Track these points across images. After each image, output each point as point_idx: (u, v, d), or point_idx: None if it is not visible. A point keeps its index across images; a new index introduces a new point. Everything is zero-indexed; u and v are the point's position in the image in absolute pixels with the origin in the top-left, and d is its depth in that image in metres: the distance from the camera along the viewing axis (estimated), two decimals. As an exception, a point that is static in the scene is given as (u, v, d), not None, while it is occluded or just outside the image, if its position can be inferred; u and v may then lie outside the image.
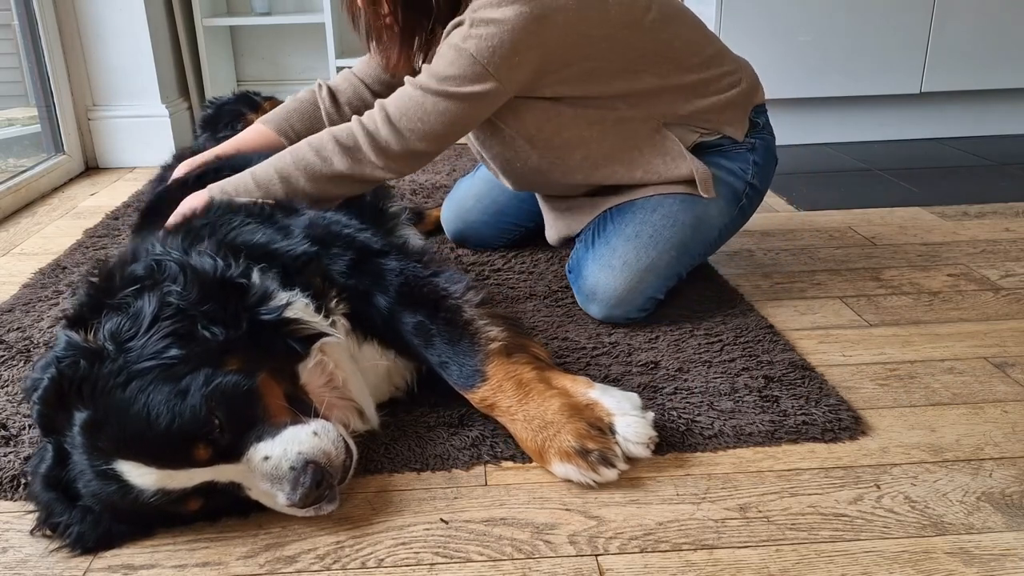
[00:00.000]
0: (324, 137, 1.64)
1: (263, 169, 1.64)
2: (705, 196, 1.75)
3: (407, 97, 1.61)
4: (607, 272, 1.75)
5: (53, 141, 3.37)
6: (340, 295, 1.38)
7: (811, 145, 3.38)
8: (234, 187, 1.64)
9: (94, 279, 1.32)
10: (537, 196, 2.04)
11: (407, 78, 1.65)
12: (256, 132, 1.93)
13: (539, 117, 1.69)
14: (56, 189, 3.19)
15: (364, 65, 1.99)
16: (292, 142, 1.81)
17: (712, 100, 1.76)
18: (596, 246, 1.79)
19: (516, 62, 1.56)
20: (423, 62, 1.69)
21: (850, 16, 3.24)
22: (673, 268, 1.79)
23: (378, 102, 1.65)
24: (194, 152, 2.24)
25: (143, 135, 3.46)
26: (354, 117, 1.66)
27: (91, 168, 3.50)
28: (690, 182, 1.76)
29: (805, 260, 2.17)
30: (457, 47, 1.56)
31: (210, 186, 1.66)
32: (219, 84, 3.82)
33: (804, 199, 2.68)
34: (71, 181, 3.32)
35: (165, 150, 2.86)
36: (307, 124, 1.94)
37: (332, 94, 1.97)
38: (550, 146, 1.73)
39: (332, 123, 1.90)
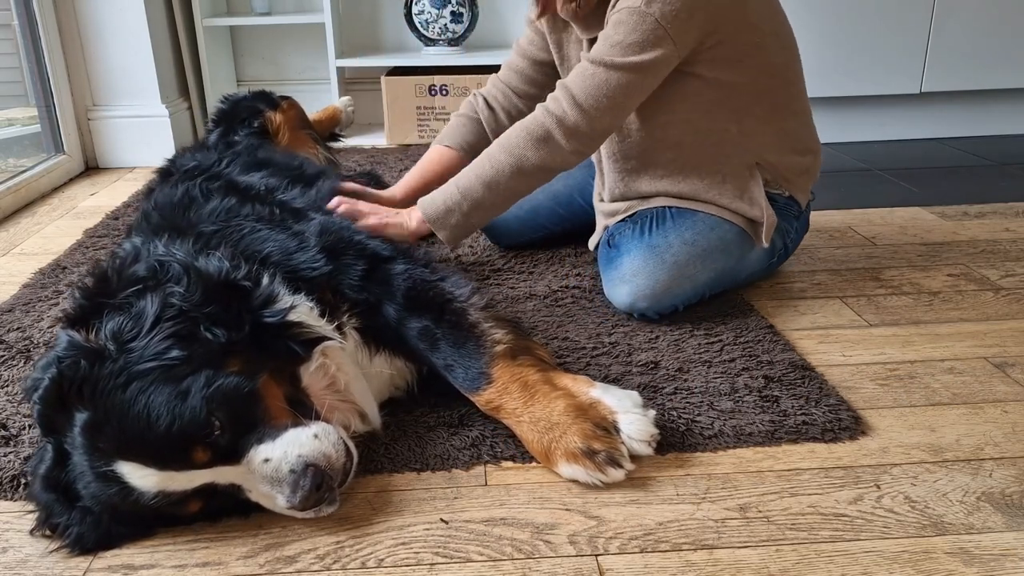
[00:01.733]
0: (514, 135, 1.70)
1: (465, 178, 1.73)
2: (764, 243, 1.80)
3: (590, 76, 1.63)
4: (656, 261, 1.75)
5: (53, 141, 3.36)
6: (352, 309, 1.40)
7: (811, 145, 3.37)
8: (442, 196, 1.74)
9: (89, 280, 1.32)
10: (595, 196, 2.03)
11: (583, 55, 1.68)
12: (435, 152, 2.06)
13: (660, 103, 1.72)
14: (56, 189, 3.19)
15: (507, 70, 2.08)
16: (467, 153, 2.00)
17: (798, 160, 1.85)
18: (652, 235, 1.79)
19: (690, 24, 1.60)
20: (572, 1, 1.72)
21: (850, 16, 3.24)
22: (705, 287, 1.82)
23: (561, 85, 1.68)
24: (195, 150, 2.24)
25: (143, 135, 3.45)
26: (539, 107, 1.70)
27: (91, 168, 3.49)
28: (749, 220, 1.80)
29: (805, 260, 2.17)
30: (640, 12, 1.58)
31: (421, 199, 1.77)
32: (219, 84, 3.81)
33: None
34: (71, 181, 3.31)
35: (165, 150, 2.86)
36: (476, 135, 2.06)
37: (487, 103, 2.07)
38: (652, 135, 1.79)
39: (491, 130, 2.04)
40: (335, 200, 1.79)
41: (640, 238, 1.79)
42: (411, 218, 1.76)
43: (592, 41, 1.81)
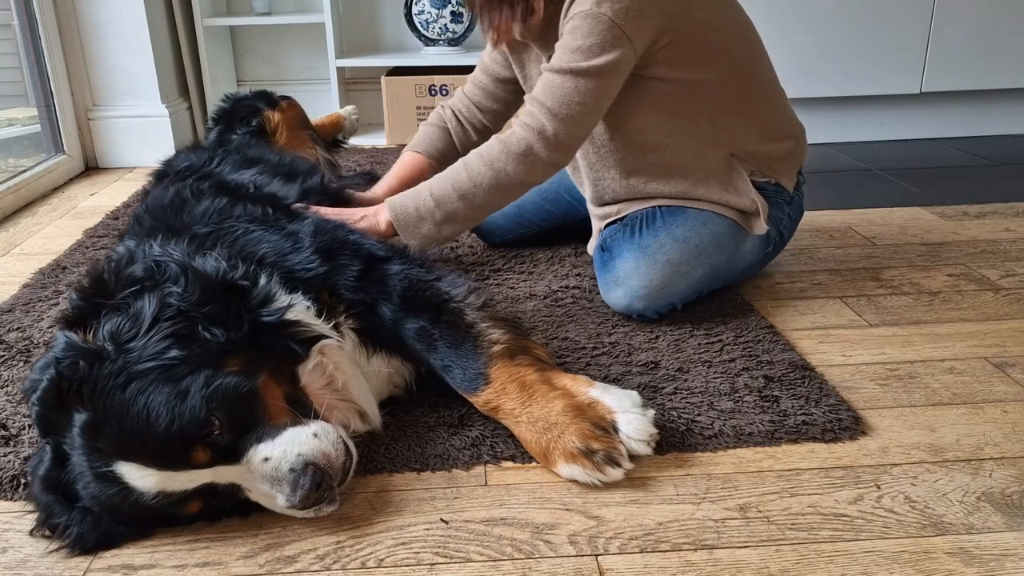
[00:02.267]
0: (494, 150, 1.69)
1: (440, 186, 1.71)
2: (758, 230, 1.81)
3: (558, 86, 1.64)
4: (648, 262, 1.76)
5: (53, 141, 3.37)
6: (348, 310, 1.40)
7: (811, 145, 3.33)
8: (413, 202, 1.72)
9: (86, 281, 1.32)
10: (587, 202, 2.03)
11: (544, 67, 1.68)
12: (408, 158, 2.10)
13: (628, 109, 1.73)
14: (56, 189, 3.19)
15: (472, 86, 2.10)
16: (438, 161, 2.06)
17: (777, 146, 1.85)
18: (642, 235, 1.79)
19: (644, 23, 1.61)
20: (521, 24, 1.73)
21: (850, 16, 3.24)
22: (702, 284, 1.83)
23: (531, 99, 1.69)
24: (192, 150, 2.24)
25: (143, 135, 3.46)
26: (514, 121, 1.71)
27: (91, 168, 3.49)
28: (740, 212, 1.81)
29: (805, 260, 2.17)
30: (593, 14, 1.59)
31: (389, 199, 1.75)
32: (219, 84, 3.81)
33: (804, 199, 2.67)
34: (71, 181, 3.31)
35: (165, 150, 2.86)
36: (446, 144, 2.10)
37: (456, 117, 2.10)
38: (628, 142, 1.79)
39: (460, 143, 2.09)
40: (303, 205, 1.76)
41: (631, 240, 1.80)
42: (380, 221, 1.74)
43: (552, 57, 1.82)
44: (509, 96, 2.08)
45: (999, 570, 1.07)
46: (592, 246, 1.99)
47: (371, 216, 1.75)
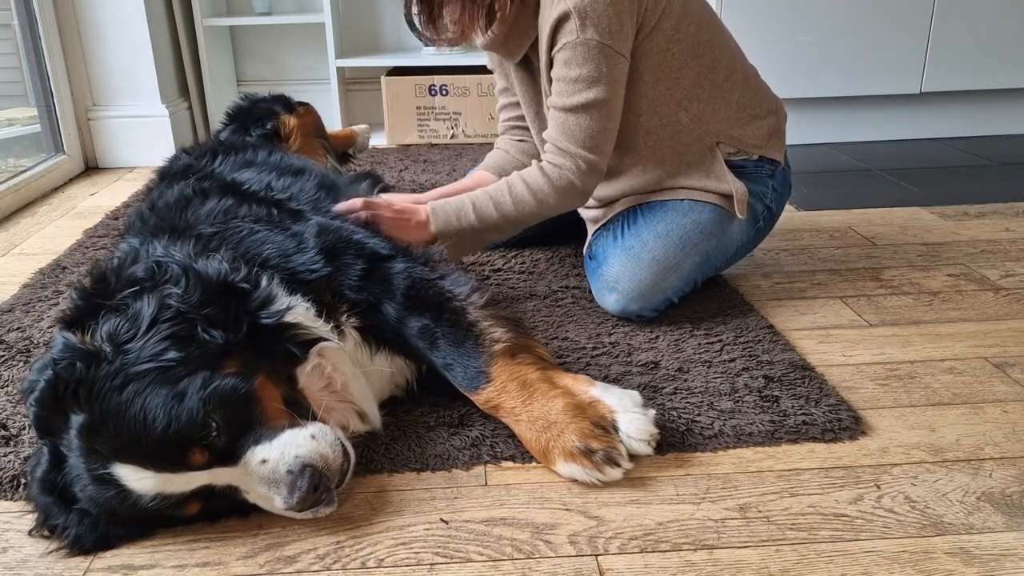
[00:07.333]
0: (539, 180, 1.72)
1: (482, 200, 1.75)
2: (740, 215, 1.80)
3: (572, 124, 1.68)
4: (634, 263, 1.76)
5: (53, 141, 3.37)
6: (351, 309, 1.40)
7: (811, 145, 3.37)
8: (455, 208, 1.74)
9: (87, 281, 1.31)
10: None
11: (551, 103, 1.71)
12: (478, 177, 2.12)
13: None
14: (56, 189, 3.19)
15: (498, 94, 2.13)
16: (501, 173, 2.04)
17: (759, 124, 1.85)
18: (625, 237, 1.80)
19: (623, 32, 1.63)
20: (484, 32, 1.74)
21: (850, 16, 3.24)
22: (693, 274, 1.82)
23: (551, 140, 1.73)
24: (202, 146, 2.23)
25: (143, 135, 3.46)
26: (547, 167, 1.73)
27: (91, 168, 3.49)
28: (722, 195, 1.80)
29: (805, 260, 2.17)
30: (582, 42, 1.61)
31: (431, 202, 1.76)
32: (219, 84, 3.82)
33: (804, 199, 2.68)
34: (71, 181, 3.31)
35: (165, 150, 2.86)
36: (505, 159, 2.12)
37: (504, 130, 2.15)
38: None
39: (516, 148, 2.11)
40: (357, 202, 1.72)
41: (615, 243, 1.81)
42: (427, 228, 1.73)
43: (522, 65, 1.85)
44: None
45: (999, 570, 1.07)
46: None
47: (422, 214, 1.74)
